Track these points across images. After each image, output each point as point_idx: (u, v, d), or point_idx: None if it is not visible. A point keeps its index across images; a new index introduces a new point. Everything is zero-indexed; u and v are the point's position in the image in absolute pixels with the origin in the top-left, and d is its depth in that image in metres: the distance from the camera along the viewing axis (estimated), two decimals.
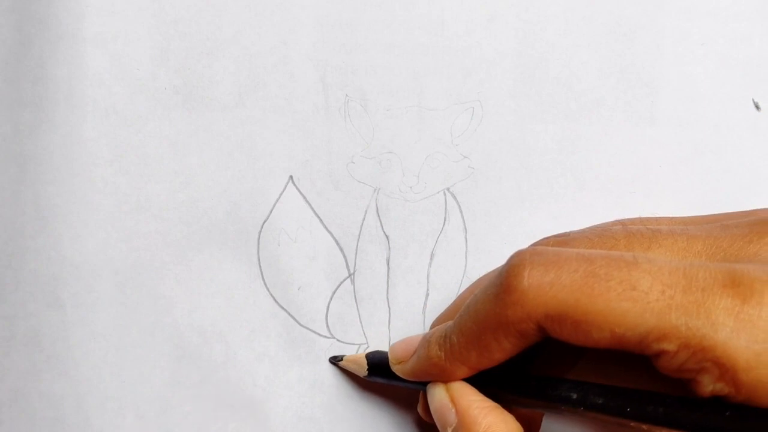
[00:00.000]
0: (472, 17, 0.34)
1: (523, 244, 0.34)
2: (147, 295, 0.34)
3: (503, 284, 0.25)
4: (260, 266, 0.34)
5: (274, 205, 0.34)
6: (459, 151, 0.34)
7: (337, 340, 0.34)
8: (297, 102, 0.34)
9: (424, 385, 0.29)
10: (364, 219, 0.34)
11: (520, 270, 0.25)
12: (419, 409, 0.32)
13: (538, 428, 0.31)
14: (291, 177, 0.34)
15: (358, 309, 0.34)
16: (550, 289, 0.24)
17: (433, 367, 0.28)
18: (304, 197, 0.34)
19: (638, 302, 0.23)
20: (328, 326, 0.34)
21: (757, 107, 0.34)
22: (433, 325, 0.33)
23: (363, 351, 0.34)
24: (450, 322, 0.28)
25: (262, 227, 0.34)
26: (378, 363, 0.32)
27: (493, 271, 0.31)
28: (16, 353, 0.34)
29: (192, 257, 0.34)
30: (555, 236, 0.29)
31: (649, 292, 0.23)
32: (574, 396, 0.26)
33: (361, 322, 0.34)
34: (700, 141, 0.34)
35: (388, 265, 0.34)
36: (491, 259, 0.34)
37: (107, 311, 0.34)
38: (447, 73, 0.34)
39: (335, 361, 0.34)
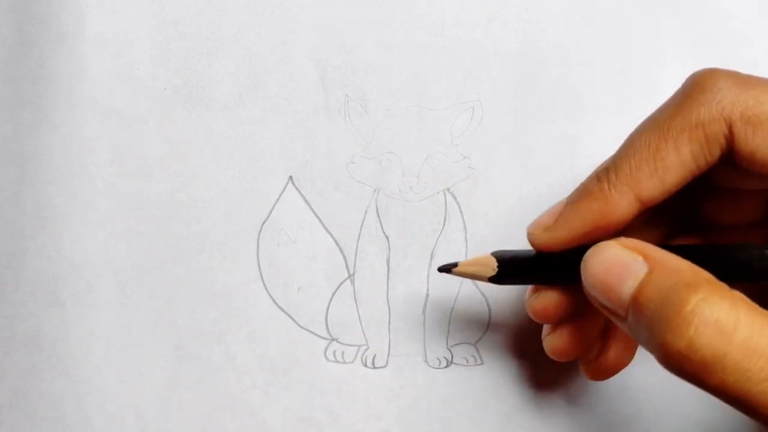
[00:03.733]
0: (472, 17, 0.34)
1: (524, 244, 0.34)
2: (147, 295, 0.34)
3: (695, 85, 0.24)
4: (260, 267, 0.34)
5: (274, 205, 0.34)
6: (459, 151, 0.34)
7: (337, 341, 0.34)
8: (297, 102, 0.34)
9: (561, 277, 0.26)
10: (364, 219, 0.34)
11: (714, 73, 0.23)
12: (529, 306, 0.29)
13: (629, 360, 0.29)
14: (291, 177, 0.34)
15: (358, 310, 0.34)
16: (751, 90, 0.23)
17: (595, 202, 0.25)
18: (304, 197, 0.34)
19: None
20: (327, 327, 0.34)
21: None
22: (536, 222, 0.28)
23: (363, 352, 0.34)
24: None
25: (261, 227, 0.34)
26: (509, 260, 0.28)
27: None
28: (16, 353, 0.34)
29: (192, 257, 0.34)
30: None
31: None
32: None
33: (361, 323, 0.34)
34: None
35: (388, 265, 0.34)
36: None
37: (107, 311, 0.34)
38: (447, 73, 0.34)
39: (446, 268, 0.29)
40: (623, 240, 0.24)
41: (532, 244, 0.27)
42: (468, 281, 0.34)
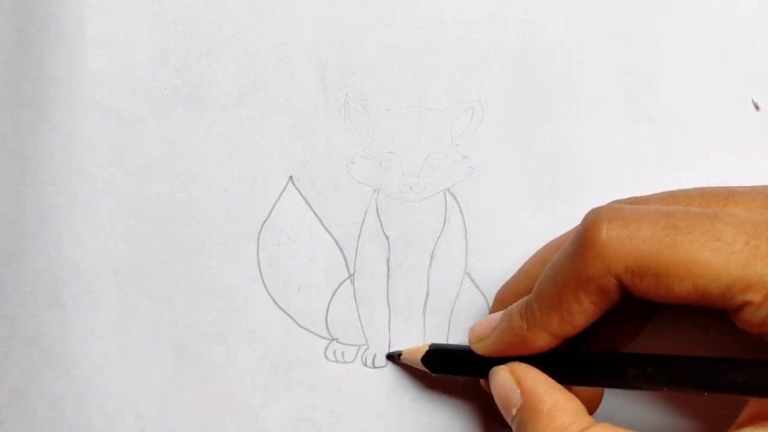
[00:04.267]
0: (472, 17, 0.34)
1: (524, 244, 0.34)
2: (147, 295, 0.34)
3: (581, 240, 0.25)
4: (260, 267, 0.34)
5: (274, 205, 0.34)
6: (459, 151, 0.34)
7: (337, 341, 0.34)
8: (297, 102, 0.34)
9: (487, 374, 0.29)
10: (364, 219, 0.34)
11: (597, 224, 0.25)
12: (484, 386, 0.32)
13: (598, 405, 0.30)
14: (291, 177, 0.34)
15: (358, 310, 0.34)
16: (630, 242, 0.24)
17: (515, 338, 0.28)
18: (304, 197, 0.34)
19: (722, 252, 0.23)
20: (327, 327, 0.34)
21: (757, 107, 0.34)
22: (497, 296, 0.32)
23: (363, 352, 0.34)
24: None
25: (261, 228, 0.34)
26: (441, 356, 0.32)
27: (564, 234, 0.31)
28: (16, 353, 0.34)
29: (192, 257, 0.34)
30: (626, 199, 0.29)
31: (733, 243, 0.23)
32: (632, 372, 0.26)
33: (361, 323, 0.34)
34: (700, 141, 0.34)
35: (388, 265, 0.34)
36: (491, 259, 0.34)
37: (107, 311, 0.34)
38: (447, 73, 0.34)
39: (393, 355, 0.34)
40: (513, 366, 0.28)
41: (474, 350, 0.30)
42: (468, 281, 0.34)
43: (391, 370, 0.34)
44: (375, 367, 0.34)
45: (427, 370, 0.32)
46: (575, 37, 0.34)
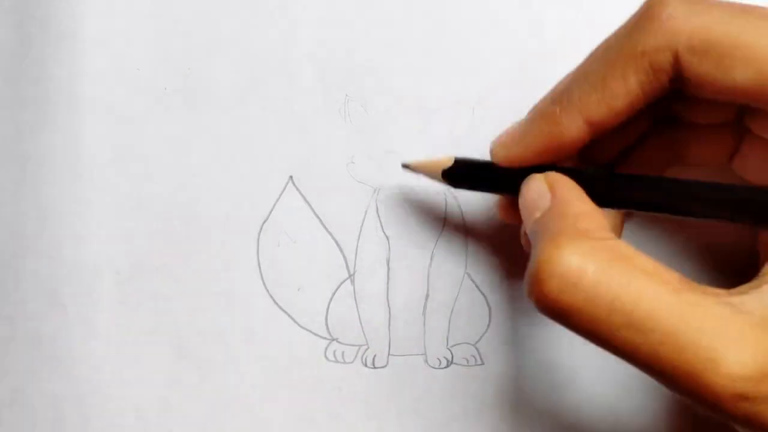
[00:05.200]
0: (472, 17, 0.34)
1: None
2: (147, 295, 0.34)
3: (644, 12, 0.24)
4: (260, 267, 0.34)
5: (274, 205, 0.34)
6: (459, 151, 0.34)
7: (337, 341, 0.34)
8: (297, 102, 0.34)
9: (513, 189, 0.27)
10: (364, 219, 0.34)
11: None
12: (499, 209, 0.30)
13: (620, 232, 0.29)
14: (291, 177, 0.34)
15: (358, 310, 0.34)
16: (697, 18, 0.23)
17: (546, 125, 0.26)
18: (304, 197, 0.34)
19: None
20: (327, 327, 0.34)
21: None
22: (496, 139, 0.30)
23: (363, 352, 0.34)
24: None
25: (261, 227, 0.34)
26: (465, 167, 0.30)
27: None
28: (17, 353, 0.34)
29: (192, 257, 0.34)
30: None
31: None
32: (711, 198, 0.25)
33: (361, 323, 0.34)
34: None
35: (388, 265, 0.34)
36: (491, 259, 0.34)
37: (107, 311, 0.34)
38: (447, 73, 0.34)
39: (409, 165, 0.31)
40: (550, 174, 0.26)
41: (493, 160, 0.28)
42: (468, 281, 0.34)
43: (391, 370, 0.34)
44: (375, 367, 0.34)
45: (447, 184, 0.30)
46: (575, 37, 0.34)
